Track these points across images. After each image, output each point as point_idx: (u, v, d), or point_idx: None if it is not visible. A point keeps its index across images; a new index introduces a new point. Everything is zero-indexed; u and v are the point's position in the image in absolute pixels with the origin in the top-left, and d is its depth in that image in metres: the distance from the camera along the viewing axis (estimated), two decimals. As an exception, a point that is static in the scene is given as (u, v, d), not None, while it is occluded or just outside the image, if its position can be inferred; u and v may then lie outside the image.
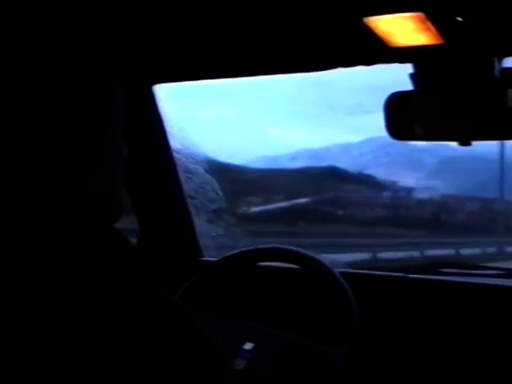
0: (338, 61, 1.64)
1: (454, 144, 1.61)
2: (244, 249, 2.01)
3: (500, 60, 1.45)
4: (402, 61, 1.55)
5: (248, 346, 1.80)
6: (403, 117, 1.61)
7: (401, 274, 1.97)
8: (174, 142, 2.20)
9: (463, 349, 1.80)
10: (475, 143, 1.59)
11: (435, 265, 2.06)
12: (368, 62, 1.62)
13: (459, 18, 1.30)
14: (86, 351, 0.76)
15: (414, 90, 1.57)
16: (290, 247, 1.94)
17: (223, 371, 0.84)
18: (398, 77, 1.62)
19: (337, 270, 1.81)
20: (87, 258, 0.83)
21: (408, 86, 1.56)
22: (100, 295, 0.80)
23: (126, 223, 2.17)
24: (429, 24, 1.31)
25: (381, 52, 1.47)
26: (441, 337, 1.84)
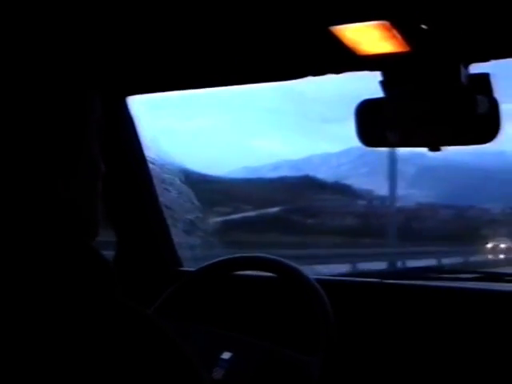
0: (307, 69, 1.65)
1: (430, 153, 1.63)
2: (221, 258, 2.01)
3: (466, 66, 1.46)
4: (370, 68, 1.56)
5: (226, 355, 1.80)
6: (374, 124, 1.62)
7: (377, 280, 1.98)
8: (150, 154, 2.21)
9: (439, 353, 1.81)
10: (449, 150, 1.60)
11: (411, 271, 2.07)
12: (337, 71, 1.63)
13: (424, 26, 1.31)
14: (56, 366, 0.76)
15: (385, 97, 1.58)
16: (267, 255, 1.94)
17: (196, 381, 0.84)
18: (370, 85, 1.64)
19: (313, 277, 1.82)
20: (59, 272, 0.83)
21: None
22: (72, 308, 0.80)
23: (105, 236, 2.17)
24: (394, 32, 1.32)
25: (349, 60, 1.48)
26: (417, 342, 1.84)
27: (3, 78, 0.86)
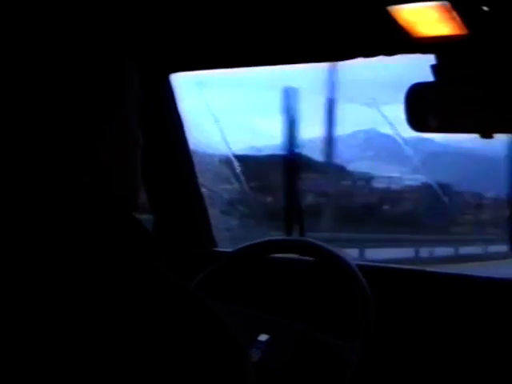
0: (358, 51, 1.62)
1: (438, 139, 1.60)
2: (259, 240, 2.00)
3: (525, 52, 1.43)
4: (424, 51, 1.53)
5: (263, 337, 1.79)
6: (424, 108, 1.59)
7: (419, 268, 1.96)
8: (191, 133, 2.20)
9: (480, 345, 1.79)
10: (456, 137, 1.58)
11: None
12: (389, 53, 1.60)
13: (485, 8, 1.27)
14: (103, 337, 0.76)
15: (436, 82, 1.55)
16: (306, 239, 1.93)
17: (241, 359, 0.83)
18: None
19: (354, 263, 1.80)
20: (104, 244, 0.83)
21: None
22: (117, 281, 0.80)
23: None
24: (454, 14, 1.29)
25: (403, 42, 1.45)
26: (456, 331, 1.82)
27: (44, 53, 0.86)
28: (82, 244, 0.82)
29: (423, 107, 1.59)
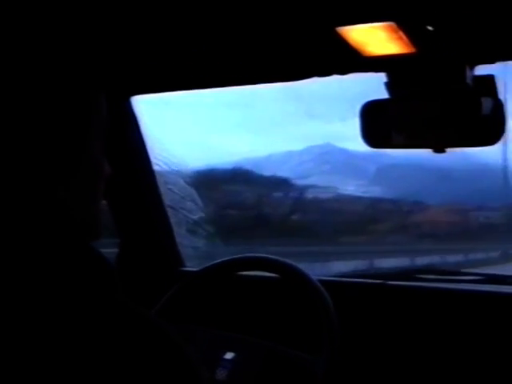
0: (312, 70, 1.65)
1: (391, 152, 1.64)
2: (225, 258, 2.01)
3: (472, 68, 1.46)
4: (375, 70, 1.56)
5: (229, 355, 1.80)
6: (379, 125, 1.62)
7: (379, 281, 1.98)
8: (154, 153, 2.21)
9: (441, 355, 1.81)
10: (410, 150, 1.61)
11: (413, 271, 2.07)
12: (342, 71, 1.63)
13: (430, 27, 1.31)
14: (56, 368, 0.76)
15: (390, 98, 1.58)
16: (270, 256, 1.94)
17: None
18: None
19: (316, 278, 1.82)
20: (59, 274, 0.82)
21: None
22: (72, 309, 0.80)
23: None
24: (400, 33, 1.32)
25: (355, 61, 1.48)
26: (420, 343, 1.84)
27: (4, 78, 0.86)
28: (39, 277, 0.81)
29: (380, 124, 1.62)
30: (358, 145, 1.65)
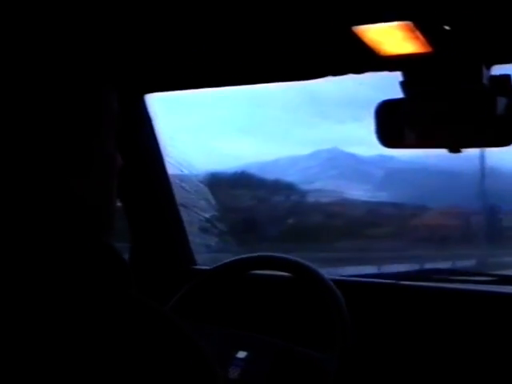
0: (327, 69, 1.65)
1: (399, 156, 1.63)
2: (237, 257, 2.01)
3: (488, 68, 1.46)
4: (391, 69, 1.56)
5: (241, 354, 1.80)
6: (393, 125, 1.61)
7: (392, 281, 1.98)
8: (168, 152, 2.22)
9: (456, 355, 1.81)
10: (416, 154, 1.61)
11: (427, 272, 2.07)
12: (357, 71, 1.63)
13: (447, 27, 1.31)
14: (74, 363, 0.76)
15: (404, 98, 1.57)
16: (283, 255, 1.94)
17: (212, 380, 0.83)
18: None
19: (329, 277, 1.82)
20: (75, 270, 0.83)
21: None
22: (88, 306, 0.80)
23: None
24: (417, 33, 1.32)
25: (370, 60, 1.48)
26: (433, 343, 1.84)
27: (16, 75, 0.86)
28: (54, 272, 0.82)
29: (395, 123, 1.61)
30: (366, 149, 1.65)
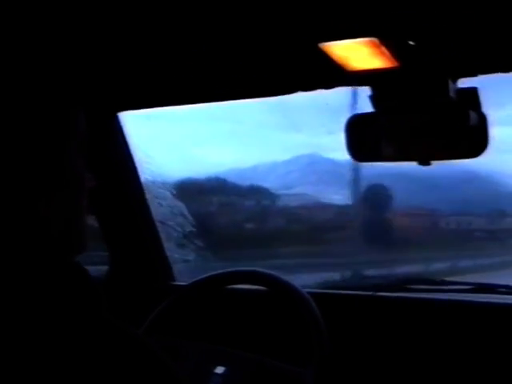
0: (297, 85, 1.66)
1: (379, 163, 1.65)
2: (214, 272, 2.02)
3: (454, 81, 1.47)
4: (359, 84, 1.57)
5: (220, 369, 1.80)
6: (365, 138, 1.62)
7: (369, 293, 1.99)
8: (142, 168, 2.22)
9: (432, 365, 1.82)
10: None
11: (403, 281, 2.08)
12: (327, 86, 1.64)
13: (412, 42, 1.32)
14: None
15: (375, 112, 1.59)
16: (259, 269, 1.95)
17: None
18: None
19: (305, 290, 1.82)
20: (44, 292, 0.82)
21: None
22: (58, 330, 0.80)
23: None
24: (383, 48, 1.34)
25: (338, 76, 1.49)
26: (410, 354, 1.85)
27: None
28: (19, 294, 0.81)
29: (365, 137, 1.62)
30: (345, 155, 1.66)
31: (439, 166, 1.59)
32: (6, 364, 0.77)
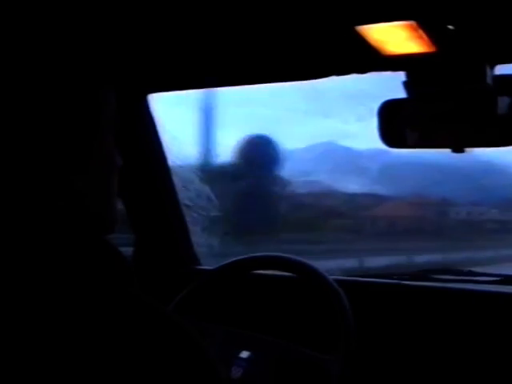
0: (331, 69, 1.65)
1: (393, 151, 1.64)
2: (241, 257, 2.01)
3: (492, 67, 1.45)
4: (394, 69, 1.56)
5: (244, 354, 1.80)
6: (396, 124, 1.61)
7: (395, 281, 1.97)
8: (170, 151, 2.21)
9: (459, 356, 1.80)
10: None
11: (429, 271, 2.06)
12: (361, 71, 1.63)
13: (450, 27, 1.30)
14: (75, 361, 0.76)
15: (407, 98, 1.57)
16: (286, 255, 1.94)
17: (214, 379, 0.83)
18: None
19: (332, 278, 1.81)
20: (76, 269, 0.83)
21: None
22: (89, 305, 0.80)
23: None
24: (420, 32, 1.32)
25: (374, 60, 1.48)
26: (436, 344, 1.84)
27: (16, 73, 0.87)
28: (54, 270, 0.82)
29: (398, 123, 1.61)
30: (361, 143, 1.65)
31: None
32: (38, 340, 0.77)
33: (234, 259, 1.99)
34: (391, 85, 1.60)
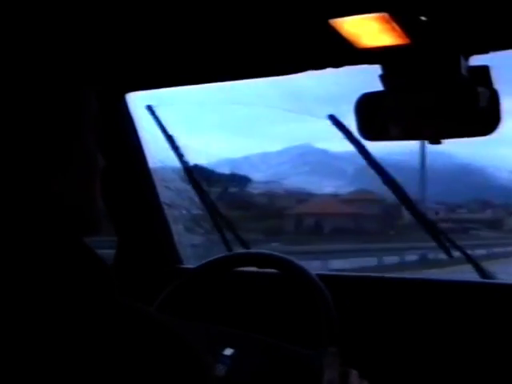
0: (307, 64, 1.64)
1: (372, 152, 1.64)
2: (222, 254, 2.01)
3: (466, 58, 1.45)
4: (369, 62, 1.56)
5: (228, 351, 1.79)
6: (374, 117, 1.61)
7: (379, 275, 1.98)
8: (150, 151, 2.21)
9: (441, 347, 1.81)
10: (388, 150, 1.61)
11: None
12: (337, 65, 1.62)
13: (423, 18, 1.30)
14: (55, 369, 0.75)
15: (385, 91, 1.57)
16: (269, 252, 1.94)
17: (204, 377, 0.83)
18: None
19: (314, 273, 1.81)
20: (55, 272, 0.81)
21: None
22: (68, 309, 0.79)
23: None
24: (393, 24, 1.32)
25: (349, 54, 1.48)
26: (418, 335, 1.84)
27: None
28: (31, 275, 0.80)
29: (377, 116, 1.61)
30: (337, 145, 1.65)
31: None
32: (17, 347, 0.76)
33: (216, 257, 1.99)
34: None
